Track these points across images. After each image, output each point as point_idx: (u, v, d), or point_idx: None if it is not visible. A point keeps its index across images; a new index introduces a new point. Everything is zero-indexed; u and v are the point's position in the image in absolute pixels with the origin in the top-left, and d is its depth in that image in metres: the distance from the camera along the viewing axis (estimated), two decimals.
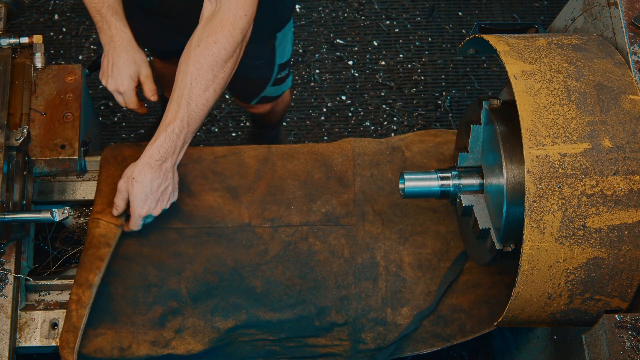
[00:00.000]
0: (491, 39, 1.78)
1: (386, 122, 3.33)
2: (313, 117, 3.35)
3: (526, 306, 1.69)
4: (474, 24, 1.97)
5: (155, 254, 2.06)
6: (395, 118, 3.34)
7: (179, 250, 2.07)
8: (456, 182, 1.91)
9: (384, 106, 3.36)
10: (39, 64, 2.21)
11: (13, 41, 2.20)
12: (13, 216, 1.91)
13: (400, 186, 1.93)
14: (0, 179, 1.86)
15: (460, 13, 3.55)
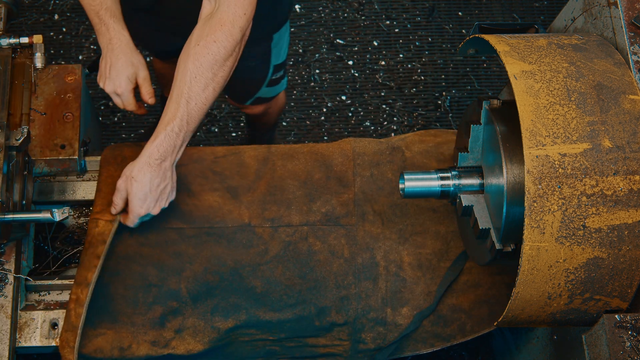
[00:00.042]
0: (491, 39, 1.78)
1: (386, 122, 3.33)
2: (313, 117, 3.35)
3: (526, 306, 1.69)
4: (474, 24, 1.97)
5: (155, 254, 2.06)
6: (395, 118, 3.33)
7: (179, 250, 2.07)
8: (456, 182, 1.90)
9: (384, 106, 3.35)
10: (39, 64, 2.21)
11: (13, 41, 2.20)
12: (13, 216, 1.91)
13: (400, 186, 1.93)
14: (0, 179, 1.86)
15: (460, 13, 3.55)
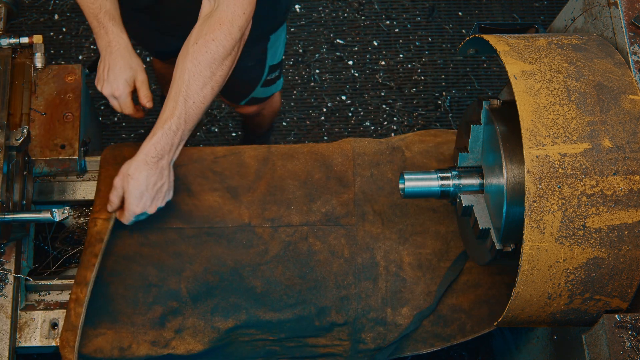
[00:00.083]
0: (491, 39, 1.78)
1: (386, 122, 3.33)
2: (313, 117, 3.35)
3: (526, 306, 1.69)
4: (474, 24, 1.96)
5: (155, 254, 2.06)
6: (395, 118, 3.33)
7: (179, 250, 2.07)
8: (456, 182, 1.90)
9: (384, 106, 3.35)
10: (39, 64, 2.21)
11: (13, 41, 2.20)
12: (13, 216, 1.91)
13: (400, 186, 1.93)
14: (0, 179, 1.86)
15: (460, 13, 3.54)
